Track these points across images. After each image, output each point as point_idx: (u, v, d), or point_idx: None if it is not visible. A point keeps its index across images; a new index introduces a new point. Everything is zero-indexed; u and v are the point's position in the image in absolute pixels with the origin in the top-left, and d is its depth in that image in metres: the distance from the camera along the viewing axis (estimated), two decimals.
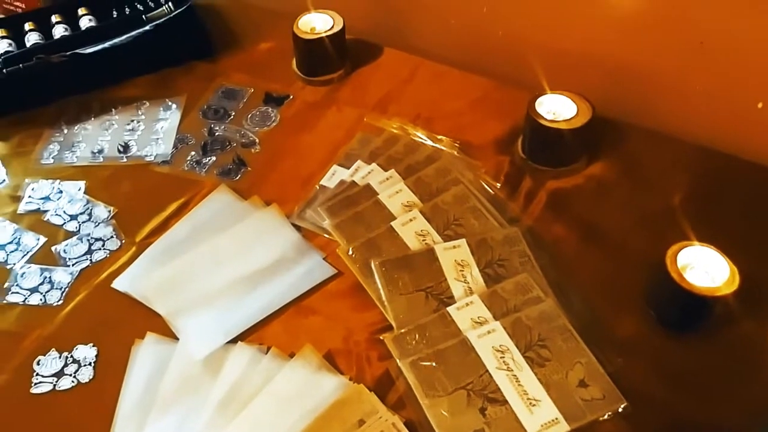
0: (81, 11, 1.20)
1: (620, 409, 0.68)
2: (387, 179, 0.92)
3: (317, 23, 1.09)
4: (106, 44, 1.10)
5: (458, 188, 0.89)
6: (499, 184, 0.91)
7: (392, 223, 0.86)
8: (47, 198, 0.96)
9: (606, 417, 0.68)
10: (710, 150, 0.93)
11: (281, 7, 1.19)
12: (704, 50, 0.91)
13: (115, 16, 1.22)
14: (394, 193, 0.89)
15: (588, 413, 0.68)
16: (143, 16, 1.18)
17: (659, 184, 0.90)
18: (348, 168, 0.95)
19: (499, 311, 0.76)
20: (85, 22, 1.18)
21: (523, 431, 0.67)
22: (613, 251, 0.83)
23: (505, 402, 0.69)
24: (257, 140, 1.02)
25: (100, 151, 1.02)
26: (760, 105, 0.91)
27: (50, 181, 0.98)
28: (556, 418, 0.68)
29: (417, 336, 0.75)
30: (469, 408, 0.69)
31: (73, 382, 0.75)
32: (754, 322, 0.74)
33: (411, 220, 0.86)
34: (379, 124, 1.01)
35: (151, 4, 1.22)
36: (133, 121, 1.07)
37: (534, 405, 0.69)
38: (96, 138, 1.05)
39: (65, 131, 1.06)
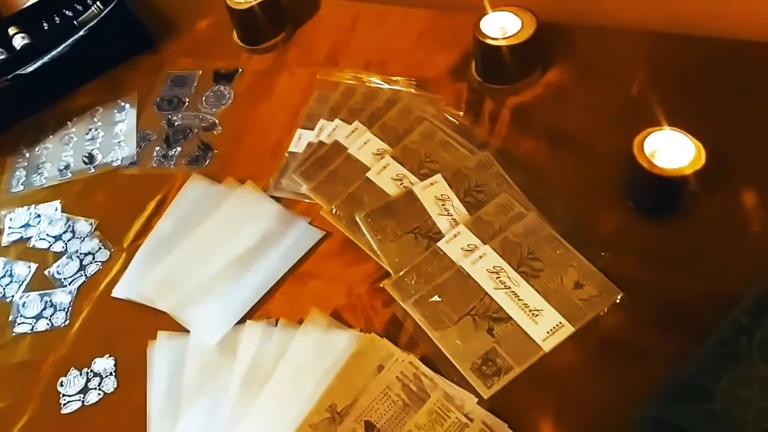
0: (11, 31, 1.18)
1: (618, 301, 0.71)
2: (353, 132, 0.92)
3: None
4: (45, 59, 1.08)
5: (423, 126, 0.90)
6: (461, 113, 0.92)
7: (367, 175, 0.87)
8: (27, 225, 0.96)
9: (606, 311, 0.71)
10: (661, 33, 0.93)
11: None
12: None
13: (46, 27, 1.20)
14: (362, 144, 0.90)
15: (588, 311, 0.71)
16: (74, 22, 1.16)
17: (617, 77, 0.91)
18: (312, 129, 0.95)
19: (486, 235, 0.79)
20: (19, 41, 1.16)
21: (532, 342, 0.70)
22: (583, 153, 0.85)
23: (510, 319, 0.72)
24: (217, 121, 1.02)
25: (67, 167, 1.02)
26: None
27: (25, 207, 0.98)
28: (560, 323, 0.71)
29: (414, 276, 0.77)
30: (477, 332, 0.72)
31: (99, 394, 0.78)
32: (728, 192, 0.76)
33: (385, 167, 0.87)
34: (333, 79, 1.02)
35: (80, 8, 1.19)
36: (91, 129, 1.07)
37: (537, 315, 0.72)
38: (59, 155, 1.04)
39: (27, 155, 1.06)
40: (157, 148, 1.01)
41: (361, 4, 1.12)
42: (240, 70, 1.09)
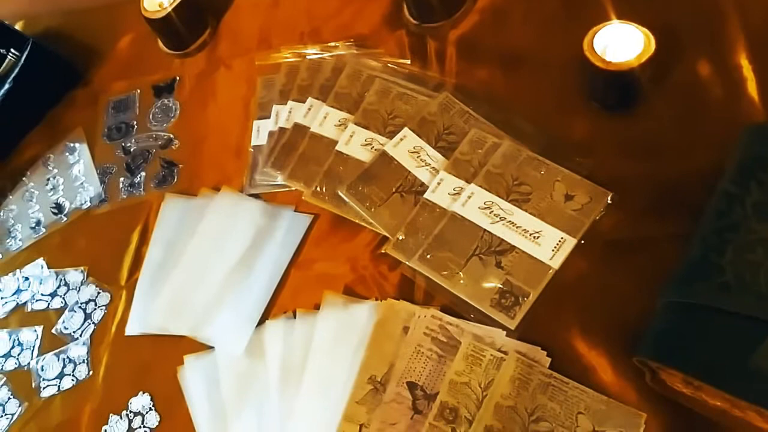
0: None
1: (609, 201, 0.73)
2: (309, 109, 0.92)
3: None
4: None
5: (376, 84, 0.90)
6: (408, 61, 0.92)
7: (337, 148, 0.87)
8: (18, 290, 0.95)
9: (601, 213, 0.73)
10: None
11: None
12: None
13: None
14: (322, 119, 0.90)
15: (585, 219, 0.73)
16: None
17: None
18: (268, 118, 0.95)
19: (468, 174, 0.80)
20: None
21: (540, 263, 0.72)
22: (537, 67, 0.86)
23: (513, 248, 0.74)
24: (172, 136, 1.01)
25: (38, 223, 1.01)
26: None
27: (11, 274, 0.97)
28: (562, 238, 0.73)
29: (411, 233, 0.78)
30: (487, 268, 0.74)
31: (146, 431, 0.79)
32: (684, 70, 0.77)
33: (351, 135, 0.87)
34: (272, 62, 1.00)
35: None
36: (49, 179, 1.05)
37: (538, 237, 0.74)
38: (26, 213, 1.03)
39: None
40: (122, 179, 1.00)
41: None
42: (177, 78, 1.07)
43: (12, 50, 1.14)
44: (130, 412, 0.80)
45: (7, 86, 1.07)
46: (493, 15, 0.92)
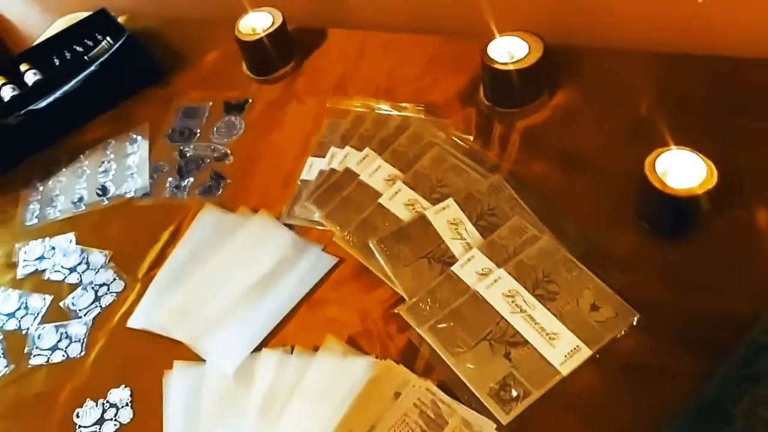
0: (23, 67, 1.20)
1: (634, 322, 0.71)
2: (364, 158, 0.93)
3: (257, 23, 1.09)
4: (58, 94, 1.10)
5: (434, 150, 0.91)
6: (471, 137, 0.93)
7: (380, 200, 0.87)
8: (42, 257, 0.97)
9: (623, 333, 0.70)
10: (665, 54, 0.94)
11: (218, 14, 1.19)
12: None
13: (57, 63, 1.22)
14: (373, 170, 0.91)
15: (605, 333, 0.71)
16: (85, 57, 1.18)
17: (624, 98, 0.92)
18: (323, 157, 0.96)
19: (500, 258, 0.79)
20: (31, 77, 1.18)
21: (550, 366, 0.70)
22: (595, 174, 0.86)
23: (526, 342, 0.72)
24: (229, 151, 1.03)
25: (80, 199, 1.03)
26: (700, 0, 0.92)
27: (40, 240, 0.99)
28: (577, 346, 0.70)
29: (429, 301, 0.77)
30: (494, 356, 0.72)
31: (115, 425, 0.77)
32: (741, 210, 0.76)
33: (397, 192, 0.88)
34: (342, 107, 1.03)
35: (90, 44, 1.22)
36: (103, 162, 1.08)
37: (553, 339, 0.71)
38: (73, 188, 1.05)
39: (41, 189, 1.07)
40: (170, 179, 1.02)
41: (367, 32, 1.13)
42: (250, 100, 1.10)
43: (108, 38, 1.21)
44: (107, 402, 0.79)
45: (92, 68, 1.11)
46: (564, 114, 0.93)
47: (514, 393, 0.69)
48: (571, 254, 0.77)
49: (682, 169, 0.75)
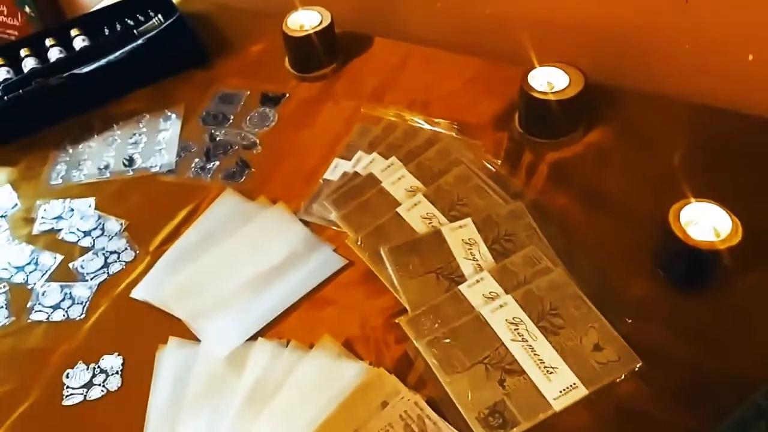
0: (74, 32, 1.22)
1: (636, 369, 0.69)
2: (389, 167, 0.93)
3: (305, 20, 1.10)
4: (102, 62, 1.12)
5: (460, 169, 0.90)
6: (499, 161, 0.92)
7: (398, 210, 0.87)
8: (60, 217, 0.98)
9: (623, 378, 0.69)
10: (706, 107, 0.93)
11: (269, 7, 1.20)
12: (690, 8, 0.92)
13: (107, 33, 1.24)
14: (396, 179, 0.91)
15: (605, 375, 0.69)
16: (134, 31, 1.20)
17: (658, 145, 0.91)
18: (349, 160, 0.96)
19: (509, 285, 0.78)
20: (79, 43, 1.20)
21: (543, 399, 0.68)
22: (617, 216, 0.84)
23: (523, 372, 0.70)
24: (258, 141, 1.04)
25: (107, 167, 1.05)
26: (750, 57, 0.91)
27: (61, 200, 1.00)
28: (574, 383, 0.69)
29: (431, 316, 0.76)
30: (488, 381, 0.70)
31: (102, 391, 0.77)
32: (762, 272, 0.75)
33: (416, 204, 0.87)
34: (376, 114, 1.03)
35: (142, 19, 1.24)
36: (135, 134, 1.09)
37: (551, 372, 0.70)
38: (101, 154, 1.07)
39: (70, 151, 1.09)
40: (196, 159, 1.03)
41: (412, 45, 1.13)
42: (287, 95, 1.11)
43: (159, 16, 1.22)
44: (98, 367, 0.79)
45: (139, 42, 1.13)
46: (596, 152, 0.92)
47: (503, 421, 0.67)
48: (582, 291, 0.76)
49: (706, 223, 0.74)
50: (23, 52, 1.20)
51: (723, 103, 0.92)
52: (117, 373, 0.79)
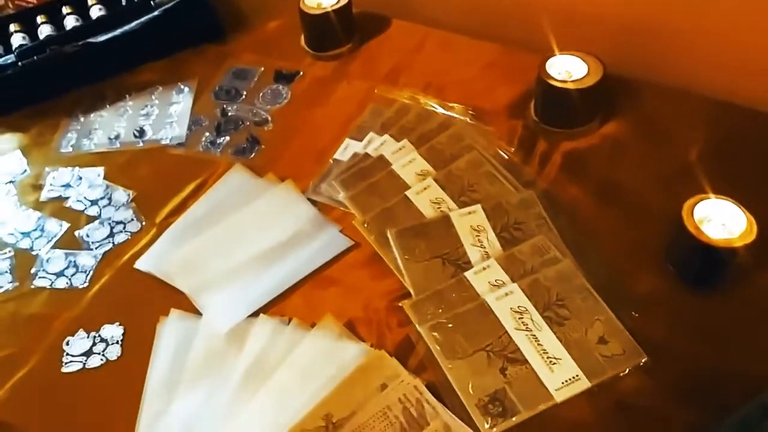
0: (91, 1, 1.21)
1: (641, 364, 0.68)
2: (400, 149, 0.92)
3: None
4: (117, 32, 1.11)
5: (472, 154, 0.89)
6: (513, 149, 0.91)
7: (407, 193, 0.86)
8: (68, 185, 0.98)
9: (627, 372, 0.68)
10: (725, 103, 0.91)
11: None
12: (713, 2, 0.90)
13: (124, 4, 1.23)
14: (407, 162, 0.90)
15: (608, 369, 0.68)
16: (152, 2, 1.19)
17: (675, 139, 0.89)
18: (360, 140, 0.95)
19: (516, 273, 0.76)
20: (96, 12, 1.19)
21: (544, 389, 0.68)
22: (630, 209, 0.83)
23: (525, 361, 0.69)
24: (270, 118, 1.03)
25: (117, 137, 1.04)
26: None
27: (70, 168, 1.00)
28: (577, 375, 0.68)
29: (435, 302, 0.75)
30: (490, 368, 0.69)
31: (101, 360, 0.77)
32: None
33: (425, 188, 0.86)
34: (390, 95, 1.02)
35: None
36: (147, 106, 1.09)
37: (554, 363, 0.69)
38: (112, 124, 1.06)
39: (82, 120, 1.08)
40: (207, 134, 1.02)
41: (430, 28, 1.12)
42: (301, 73, 1.09)
43: None
44: (99, 336, 0.79)
45: (156, 13, 1.12)
46: (611, 144, 0.90)
47: (503, 409, 0.66)
48: (590, 283, 0.75)
49: (720, 219, 0.72)
50: (39, 19, 1.20)
51: (742, 100, 0.90)
52: (117, 342, 0.78)
